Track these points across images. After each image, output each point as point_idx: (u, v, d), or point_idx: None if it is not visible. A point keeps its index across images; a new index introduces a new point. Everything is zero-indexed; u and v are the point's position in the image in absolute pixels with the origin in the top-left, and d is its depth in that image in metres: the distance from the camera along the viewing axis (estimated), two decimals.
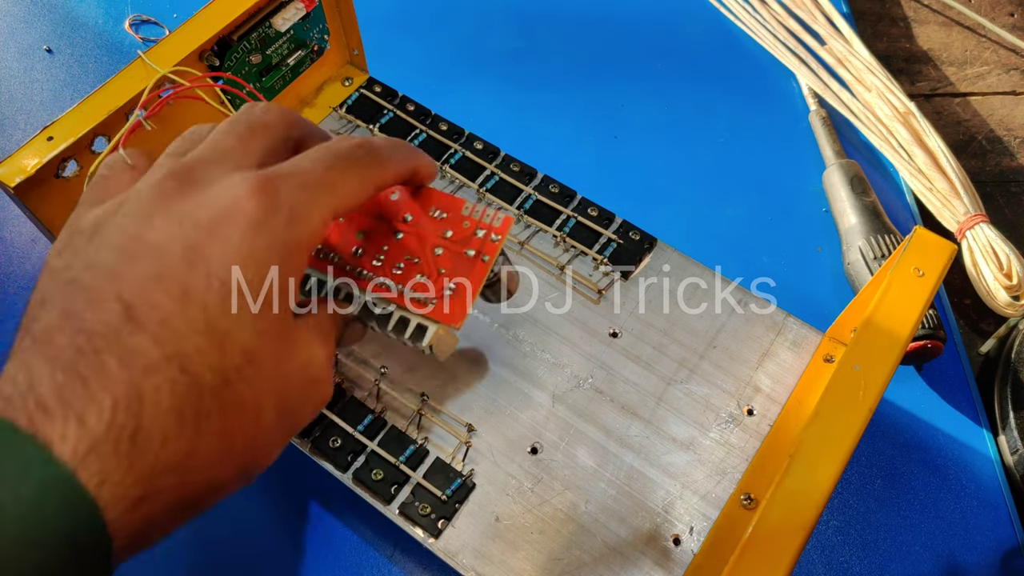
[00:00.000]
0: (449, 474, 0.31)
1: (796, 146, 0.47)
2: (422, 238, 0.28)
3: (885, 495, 0.36)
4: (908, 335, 0.27)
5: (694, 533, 0.30)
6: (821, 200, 0.45)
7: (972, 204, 0.42)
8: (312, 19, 0.38)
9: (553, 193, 0.38)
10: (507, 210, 0.37)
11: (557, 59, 0.50)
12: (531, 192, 0.37)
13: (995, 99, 0.51)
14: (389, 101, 0.40)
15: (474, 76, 0.49)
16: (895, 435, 0.38)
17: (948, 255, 0.29)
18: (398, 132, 0.39)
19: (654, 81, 0.49)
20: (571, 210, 0.37)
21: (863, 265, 0.40)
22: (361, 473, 0.31)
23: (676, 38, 0.52)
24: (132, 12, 0.50)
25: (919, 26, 0.55)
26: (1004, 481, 0.37)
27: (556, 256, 0.36)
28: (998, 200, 0.47)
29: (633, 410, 0.32)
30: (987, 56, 0.53)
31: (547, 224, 0.37)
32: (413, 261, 0.27)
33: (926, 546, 0.35)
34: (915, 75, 0.52)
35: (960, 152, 0.48)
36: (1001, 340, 0.41)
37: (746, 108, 0.48)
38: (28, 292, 0.39)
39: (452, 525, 0.30)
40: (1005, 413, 0.38)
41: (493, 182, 0.38)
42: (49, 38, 0.49)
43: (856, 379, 0.26)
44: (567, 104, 0.48)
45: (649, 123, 0.48)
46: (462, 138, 0.40)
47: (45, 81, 0.47)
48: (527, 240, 0.37)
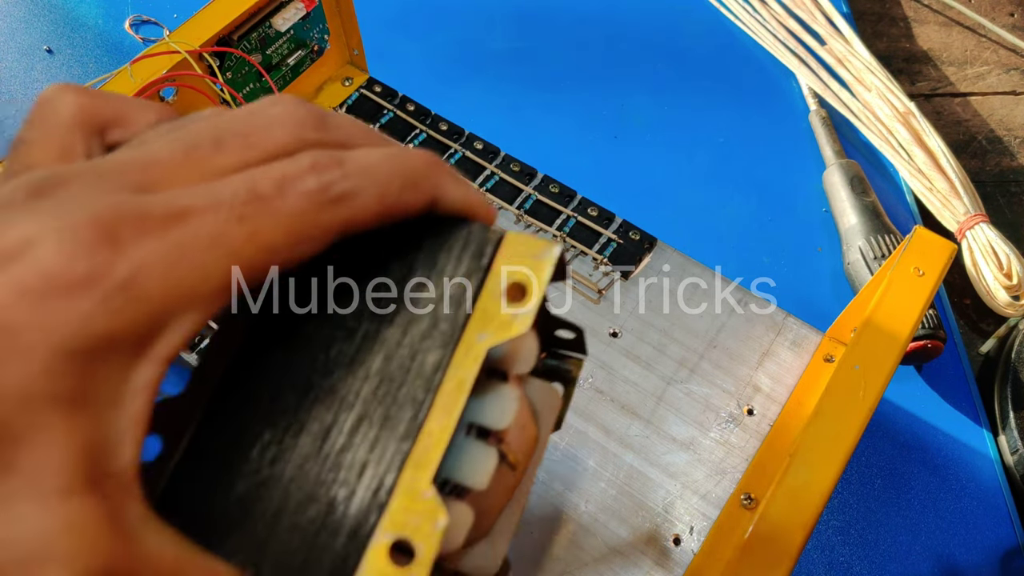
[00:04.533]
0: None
1: (796, 146, 0.47)
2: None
3: (885, 495, 0.36)
4: (908, 335, 0.27)
5: (694, 533, 0.30)
6: (821, 200, 0.45)
7: (972, 204, 0.42)
8: (312, 19, 0.38)
9: (553, 193, 0.38)
10: (507, 210, 0.37)
11: (557, 59, 0.50)
12: (531, 192, 0.37)
13: (995, 99, 0.51)
14: (389, 101, 0.40)
15: (474, 76, 0.49)
16: (895, 435, 0.38)
17: (948, 255, 0.29)
18: (398, 132, 0.39)
19: (654, 81, 0.49)
20: (571, 210, 0.37)
21: (863, 265, 0.40)
22: None
23: (676, 38, 0.52)
24: (132, 12, 0.50)
25: (919, 26, 0.55)
26: (1004, 481, 0.37)
27: None
28: (998, 200, 0.47)
29: (633, 410, 0.32)
30: (987, 56, 0.53)
31: (547, 224, 0.37)
32: None
33: (926, 546, 0.35)
34: (915, 75, 0.52)
35: (960, 152, 0.48)
36: (1001, 340, 0.41)
37: (746, 108, 0.48)
38: None
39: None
40: (1005, 413, 0.38)
41: (493, 182, 0.38)
42: (49, 38, 0.49)
43: (856, 379, 0.26)
44: (567, 104, 0.48)
45: (649, 123, 0.48)
46: (462, 138, 0.40)
47: (45, 81, 0.47)
48: None
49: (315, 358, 0.16)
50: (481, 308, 0.16)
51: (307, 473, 0.16)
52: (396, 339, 0.16)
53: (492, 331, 0.16)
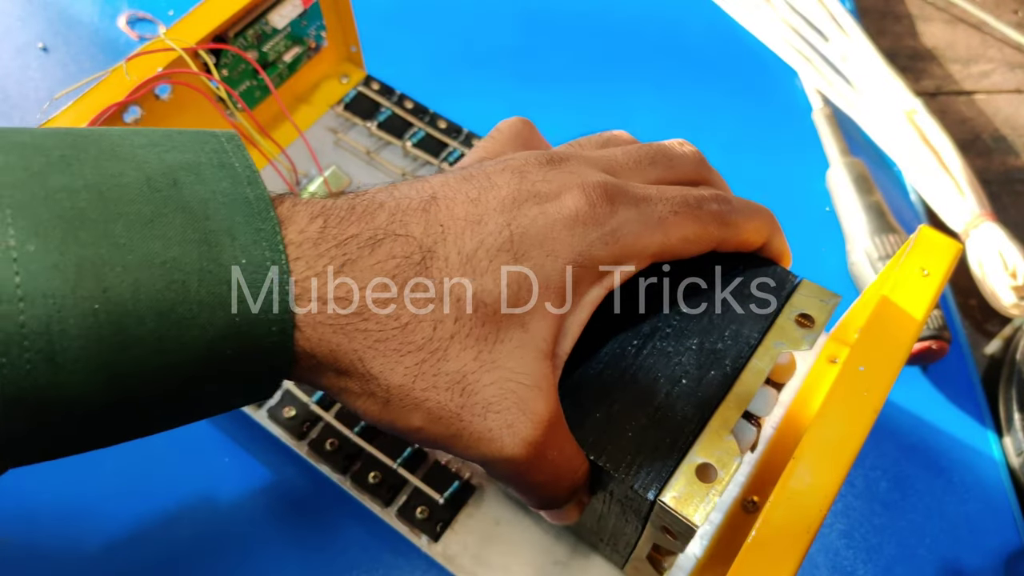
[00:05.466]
0: (448, 477, 0.30)
1: (800, 144, 0.47)
2: None
3: (890, 498, 0.36)
4: (913, 336, 0.27)
5: (696, 537, 0.29)
6: (825, 199, 0.44)
7: (978, 203, 0.42)
8: (309, 16, 0.37)
9: None
10: None
11: (557, 56, 0.50)
12: None
13: (1000, 97, 0.51)
14: (387, 98, 0.40)
15: (473, 74, 0.48)
16: (899, 437, 0.37)
17: (953, 255, 0.29)
18: (396, 130, 0.39)
19: (656, 79, 0.49)
20: None
21: (867, 265, 0.40)
22: (359, 476, 0.30)
23: (678, 35, 0.51)
24: (127, 9, 0.50)
25: (924, 23, 0.54)
26: (1009, 483, 0.36)
27: None
28: (1004, 199, 0.46)
29: None
30: (992, 54, 0.53)
31: None
32: None
33: (931, 549, 0.35)
34: (920, 73, 0.52)
35: (965, 151, 0.48)
36: (1007, 341, 0.40)
37: (749, 106, 0.48)
38: None
39: (451, 529, 0.30)
40: (1010, 414, 0.38)
41: None
42: (44, 36, 0.49)
43: (860, 380, 0.26)
44: (567, 102, 0.47)
45: (651, 121, 0.47)
46: (461, 136, 0.39)
47: (40, 79, 0.47)
48: None
49: (656, 327, 0.24)
50: (779, 325, 0.24)
51: (655, 375, 0.23)
52: (719, 324, 0.24)
53: (786, 341, 0.24)
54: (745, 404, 0.23)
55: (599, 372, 0.23)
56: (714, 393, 0.23)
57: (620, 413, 0.22)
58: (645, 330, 0.24)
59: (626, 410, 0.22)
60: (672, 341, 0.24)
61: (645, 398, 0.23)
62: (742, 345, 0.24)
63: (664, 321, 0.24)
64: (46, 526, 0.33)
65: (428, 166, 0.39)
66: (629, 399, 0.23)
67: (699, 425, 0.22)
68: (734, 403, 0.23)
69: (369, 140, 0.39)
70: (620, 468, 0.22)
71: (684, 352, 0.23)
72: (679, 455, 0.22)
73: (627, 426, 0.22)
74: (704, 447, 0.22)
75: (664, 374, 0.23)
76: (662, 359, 0.23)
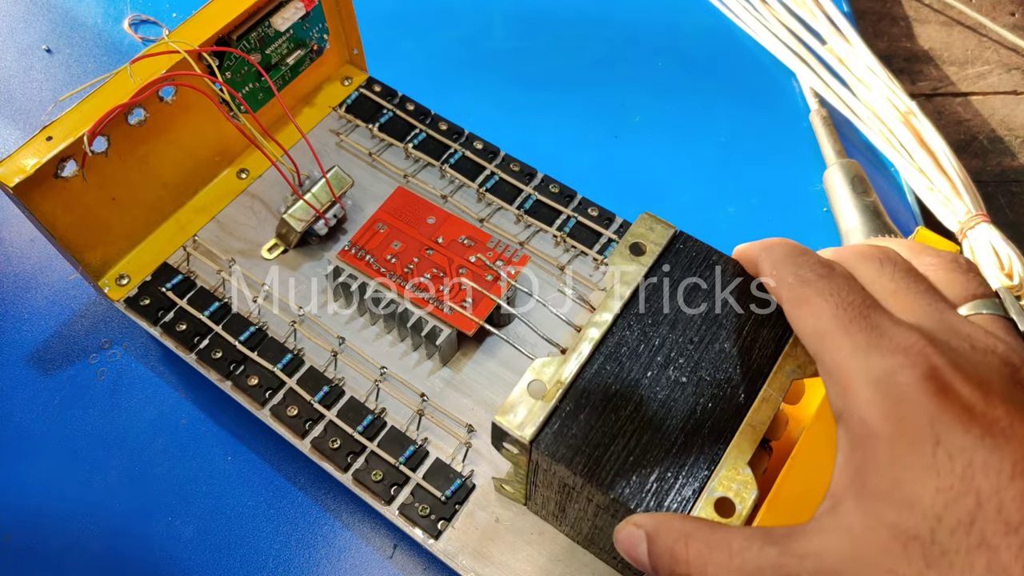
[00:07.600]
0: (449, 475, 0.31)
1: (797, 146, 0.47)
2: (450, 257, 0.34)
3: None
4: None
5: None
6: (822, 200, 0.45)
7: (973, 204, 0.42)
8: (311, 18, 0.38)
9: (553, 193, 0.37)
10: (507, 210, 0.37)
11: (557, 58, 0.50)
12: (531, 192, 0.37)
13: (996, 99, 0.51)
14: (388, 101, 0.40)
15: (474, 76, 0.49)
16: None
17: None
18: (397, 132, 0.39)
19: (654, 80, 0.49)
20: (571, 210, 0.37)
21: None
22: (361, 474, 0.31)
23: (676, 37, 0.51)
24: (131, 11, 0.50)
25: (920, 25, 0.55)
26: None
27: (556, 256, 0.36)
28: (999, 200, 0.47)
29: None
30: (988, 56, 0.53)
31: (547, 224, 0.37)
32: (439, 275, 0.33)
33: None
34: (916, 75, 0.52)
35: (961, 152, 0.48)
36: None
37: (747, 108, 0.48)
38: (26, 292, 0.39)
39: (452, 526, 0.30)
40: None
41: (493, 182, 0.38)
42: (48, 38, 0.49)
43: None
44: (567, 104, 0.48)
45: (649, 123, 0.47)
46: (462, 138, 0.39)
47: (44, 81, 0.47)
48: (527, 240, 0.37)
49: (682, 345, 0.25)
50: (790, 353, 0.25)
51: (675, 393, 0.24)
52: (727, 351, 0.25)
53: (796, 369, 0.25)
54: (760, 434, 0.23)
55: (614, 405, 0.24)
56: (728, 423, 0.23)
57: (637, 449, 0.23)
58: (659, 360, 0.25)
59: (642, 445, 0.23)
60: (687, 372, 0.24)
61: (662, 432, 0.23)
62: (755, 374, 0.24)
63: (677, 351, 0.25)
64: (49, 525, 0.33)
65: (429, 167, 0.39)
66: (646, 435, 0.23)
67: (715, 458, 0.23)
68: (749, 433, 0.23)
69: (371, 142, 0.40)
70: (640, 504, 0.22)
71: (697, 382, 0.24)
72: (698, 488, 0.22)
73: (645, 460, 0.23)
74: (722, 481, 0.22)
75: (678, 406, 0.24)
76: (677, 389, 0.24)
